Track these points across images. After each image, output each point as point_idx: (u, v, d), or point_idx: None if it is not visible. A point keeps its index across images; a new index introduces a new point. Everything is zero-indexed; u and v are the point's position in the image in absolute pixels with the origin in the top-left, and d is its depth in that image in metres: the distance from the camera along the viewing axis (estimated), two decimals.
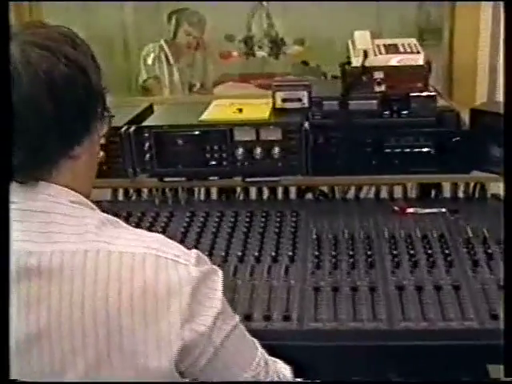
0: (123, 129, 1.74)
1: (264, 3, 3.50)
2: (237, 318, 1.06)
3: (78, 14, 3.79)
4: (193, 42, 3.86)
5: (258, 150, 1.70)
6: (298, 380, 1.18)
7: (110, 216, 1.03)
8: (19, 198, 0.95)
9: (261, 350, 1.11)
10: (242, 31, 3.65)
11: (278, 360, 1.14)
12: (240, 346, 1.06)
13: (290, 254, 1.53)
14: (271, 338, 1.26)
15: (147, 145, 1.74)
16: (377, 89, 1.68)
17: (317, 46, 3.89)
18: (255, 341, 1.11)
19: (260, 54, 3.55)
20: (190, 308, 0.95)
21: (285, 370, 1.15)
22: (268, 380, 1.09)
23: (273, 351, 1.16)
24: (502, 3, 1.33)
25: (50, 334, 0.90)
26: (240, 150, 1.71)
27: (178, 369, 0.97)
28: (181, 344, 0.94)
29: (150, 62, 3.79)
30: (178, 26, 3.83)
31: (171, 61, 3.85)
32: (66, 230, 0.94)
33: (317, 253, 1.52)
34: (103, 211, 1.05)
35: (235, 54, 3.66)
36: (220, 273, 1.03)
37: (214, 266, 1.04)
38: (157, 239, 1.00)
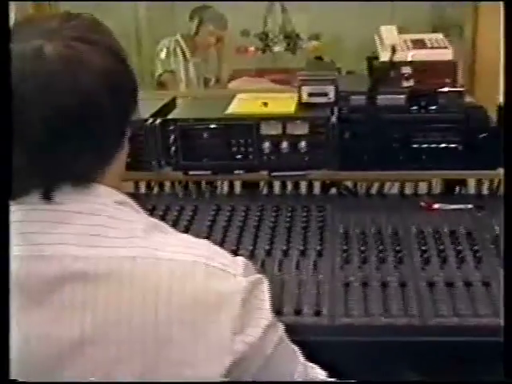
0: (149, 121, 1.73)
1: None
2: (281, 326, 1.04)
3: (91, 11, 3.78)
4: (213, 41, 3.85)
5: (285, 145, 1.70)
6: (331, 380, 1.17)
7: (156, 220, 1.00)
8: (67, 200, 0.92)
9: (301, 357, 1.09)
10: (258, 27, 3.63)
11: (315, 366, 1.12)
12: (286, 354, 1.04)
13: (318, 248, 1.52)
14: (302, 332, 1.26)
15: (172, 138, 1.73)
16: (405, 84, 1.67)
17: (331, 42, 3.88)
18: (296, 348, 1.09)
19: (277, 49, 3.54)
20: (240, 319, 0.92)
21: (321, 376, 1.13)
22: None
23: (303, 346, 1.16)
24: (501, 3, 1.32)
25: (95, 341, 0.87)
26: (266, 144, 1.70)
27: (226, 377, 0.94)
28: (231, 357, 0.91)
29: (165, 56, 3.78)
30: (200, 25, 3.82)
31: (187, 55, 3.85)
32: (112, 234, 0.91)
33: (345, 247, 1.51)
34: None
35: (251, 49, 3.65)
36: (266, 282, 1.00)
37: (260, 275, 1.01)
38: (205, 246, 0.98)
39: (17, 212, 0.90)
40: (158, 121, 1.73)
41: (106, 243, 0.90)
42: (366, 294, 1.37)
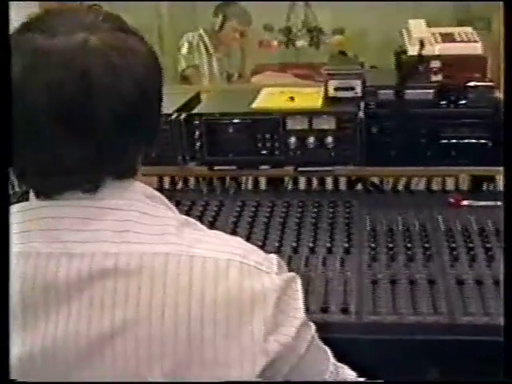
0: (174, 116, 1.72)
1: None
2: (313, 326, 1.01)
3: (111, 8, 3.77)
4: (237, 36, 3.84)
5: (311, 140, 1.68)
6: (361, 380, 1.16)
7: (187, 217, 0.99)
8: (107, 196, 0.91)
9: (332, 357, 1.07)
10: (281, 21, 3.61)
11: (344, 366, 1.10)
12: (318, 354, 1.02)
13: (346, 245, 1.50)
14: (329, 330, 1.25)
15: (198, 132, 1.72)
16: (433, 78, 1.64)
17: (354, 36, 3.84)
18: (326, 348, 1.07)
19: (300, 43, 3.52)
20: (274, 318, 0.90)
21: (350, 377, 1.11)
22: None
23: (329, 344, 1.14)
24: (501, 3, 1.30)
25: (125, 336, 0.86)
26: (292, 139, 1.69)
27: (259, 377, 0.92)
28: (265, 358, 0.89)
29: (188, 51, 3.77)
30: (224, 21, 3.81)
31: (210, 50, 3.84)
32: (144, 230, 0.89)
33: (372, 244, 1.49)
34: None
35: (275, 43, 3.63)
36: (299, 280, 0.98)
37: (293, 273, 0.98)
38: (239, 244, 0.96)
39: (45, 209, 0.89)
40: (183, 115, 1.73)
41: (138, 239, 0.88)
42: (394, 291, 1.35)
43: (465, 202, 1.66)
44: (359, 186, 1.84)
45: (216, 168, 1.77)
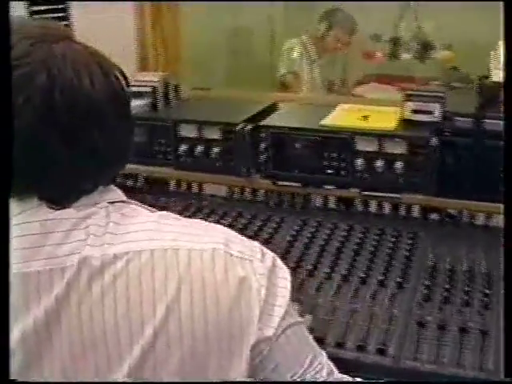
0: (239, 126, 1.68)
1: (411, 3, 3.31)
2: (299, 318, 0.99)
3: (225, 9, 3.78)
4: (340, 45, 3.76)
5: (380, 163, 1.59)
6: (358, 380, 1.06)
7: (161, 211, 0.97)
8: (82, 205, 0.90)
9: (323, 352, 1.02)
10: (389, 31, 3.48)
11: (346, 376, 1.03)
12: (296, 338, 0.96)
13: (399, 280, 1.40)
14: (362, 370, 1.17)
15: (263, 145, 1.67)
16: None
17: (466, 52, 3.64)
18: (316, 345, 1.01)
19: (405, 56, 3.38)
20: (260, 306, 0.89)
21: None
22: None
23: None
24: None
25: (106, 338, 0.85)
26: (360, 161, 1.61)
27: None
28: (251, 342, 0.89)
29: (290, 56, 3.72)
30: (329, 29, 3.74)
31: (313, 57, 3.77)
32: (123, 230, 0.89)
33: (428, 283, 1.39)
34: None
35: (379, 54, 3.51)
36: (283, 267, 0.96)
37: (279, 261, 0.96)
38: (221, 232, 0.94)
39: (32, 224, 0.86)
40: (249, 127, 1.68)
41: (120, 239, 0.87)
42: (441, 337, 1.24)
43: None
44: (433, 216, 1.72)
45: (280, 183, 1.71)
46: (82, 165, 0.87)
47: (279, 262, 0.96)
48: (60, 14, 1.92)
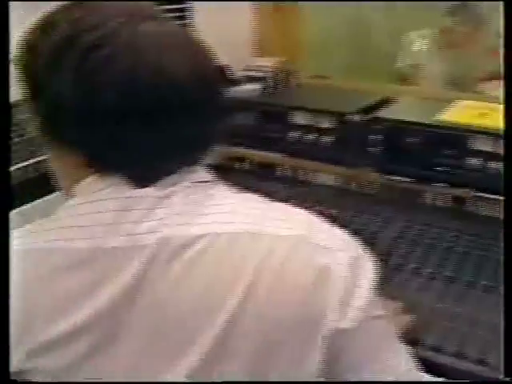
0: (352, 117, 1.66)
1: None
2: (382, 312, 0.92)
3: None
4: (465, 41, 3.62)
5: (494, 164, 1.52)
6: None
7: (247, 194, 0.95)
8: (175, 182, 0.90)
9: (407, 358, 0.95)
10: None
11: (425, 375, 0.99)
12: (376, 332, 0.91)
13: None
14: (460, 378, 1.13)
15: (376, 137, 1.64)
16: None
17: None
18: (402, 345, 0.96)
19: None
20: (338, 298, 0.85)
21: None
22: None
23: None
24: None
25: (181, 319, 0.84)
26: (472, 160, 1.54)
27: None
28: (326, 335, 0.85)
29: (411, 49, 3.63)
30: (457, 23, 3.61)
31: (435, 51, 3.66)
32: (208, 211, 0.87)
33: None
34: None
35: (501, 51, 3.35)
36: (367, 258, 0.91)
37: (362, 251, 0.91)
38: (306, 219, 0.91)
39: (109, 201, 0.87)
40: (363, 117, 1.65)
41: (201, 220, 0.86)
42: None
43: None
44: None
45: (392, 178, 1.67)
46: (165, 146, 0.86)
47: (363, 252, 0.91)
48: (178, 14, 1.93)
